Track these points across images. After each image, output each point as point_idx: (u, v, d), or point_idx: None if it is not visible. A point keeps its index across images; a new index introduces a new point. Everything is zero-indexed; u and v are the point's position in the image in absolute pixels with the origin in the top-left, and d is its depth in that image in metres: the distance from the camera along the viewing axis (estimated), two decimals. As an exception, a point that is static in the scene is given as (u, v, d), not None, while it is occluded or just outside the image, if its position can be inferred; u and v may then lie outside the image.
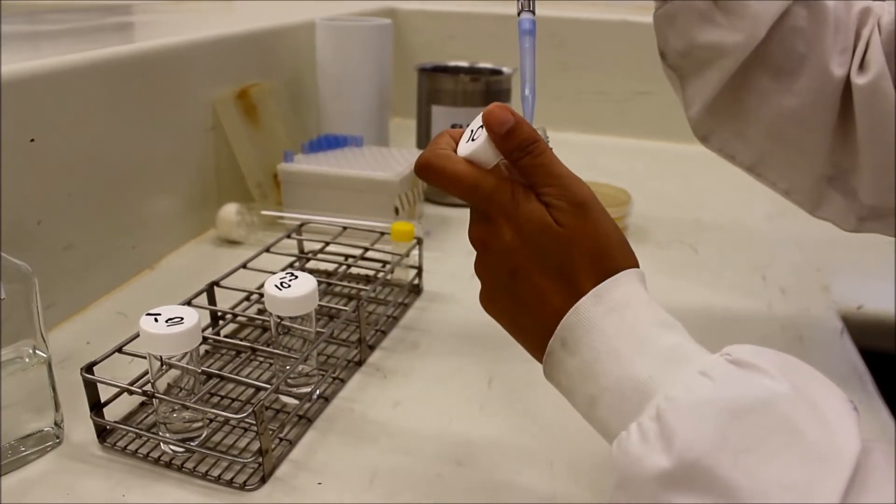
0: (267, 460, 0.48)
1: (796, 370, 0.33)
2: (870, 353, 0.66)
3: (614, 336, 0.37)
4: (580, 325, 0.37)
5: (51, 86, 0.62)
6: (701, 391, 0.33)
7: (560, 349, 0.38)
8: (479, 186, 0.40)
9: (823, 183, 0.57)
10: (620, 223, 0.88)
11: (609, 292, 0.38)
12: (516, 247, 0.39)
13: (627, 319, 0.37)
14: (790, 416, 0.31)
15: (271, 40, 0.98)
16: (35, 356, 0.48)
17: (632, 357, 0.36)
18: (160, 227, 0.79)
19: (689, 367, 0.34)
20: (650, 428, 0.33)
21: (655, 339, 0.37)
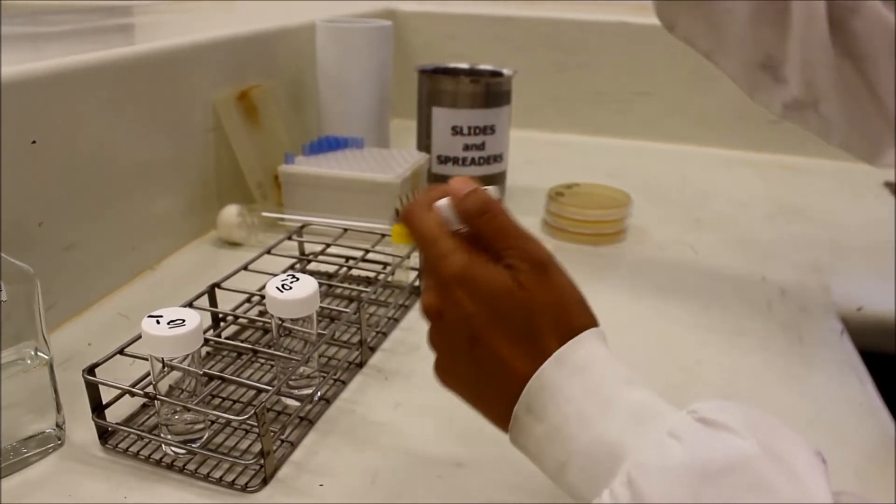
0: (268, 462, 0.48)
1: (762, 425, 0.33)
2: (870, 354, 0.66)
3: (580, 398, 0.36)
4: (545, 389, 0.37)
5: (52, 87, 0.62)
6: (671, 454, 0.33)
7: (526, 415, 0.38)
8: (438, 243, 0.40)
9: (759, 70, 0.64)
10: (621, 225, 0.89)
11: (571, 354, 0.38)
12: (475, 313, 0.39)
13: (592, 380, 0.37)
14: (761, 474, 0.31)
15: (272, 42, 0.98)
16: (36, 357, 0.48)
17: (599, 419, 0.36)
18: (161, 229, 0.79)
19: (657, 426, 0.34)
20: (622, 494, 0.33)
21: (621, 398, 0.36)
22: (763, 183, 1.13)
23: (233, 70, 0.89)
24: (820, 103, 0.62)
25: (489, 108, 0.95)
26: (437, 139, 0.97)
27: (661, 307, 0.73)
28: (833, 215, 0.99)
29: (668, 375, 0.61)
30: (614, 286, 0.77)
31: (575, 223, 0.87)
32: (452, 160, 0.97)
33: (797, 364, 0.64)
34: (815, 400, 0.59)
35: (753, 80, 0.65)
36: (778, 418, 0.34)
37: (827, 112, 0.62)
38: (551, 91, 1.36)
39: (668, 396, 0.36)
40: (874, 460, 0.51)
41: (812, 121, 0.64)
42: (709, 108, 1.28)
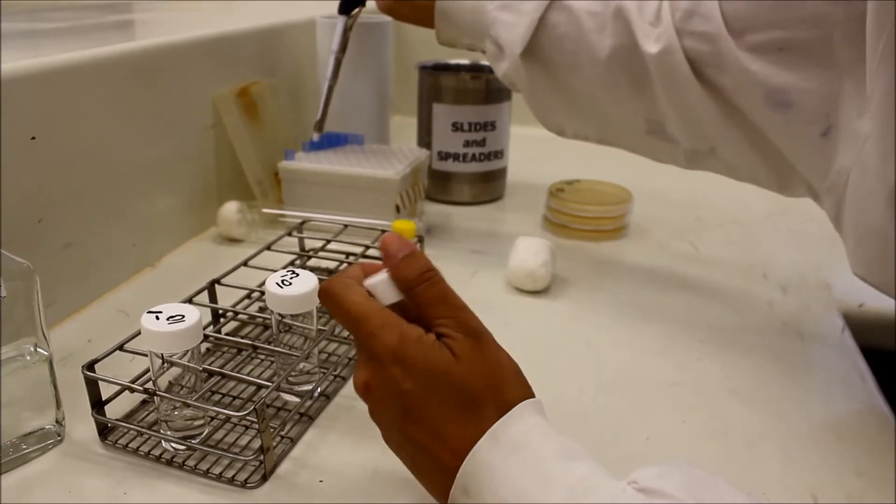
0: (268, 458, 0.48)
1: (704, 488, 0.33)
2: (871, 351, 0.66)
3: (518, 479, 0.35)
4: (480, 470, 0.36)
5: (51, 84, 0.62)
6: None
7: (462, 496, 0.37)
8: (368, 319, 0.39)
9: (647, 137, 0.67)
10: (621, 221, 0.88)
11: (506, 431, 0.37)
12: (407, 389, 0.38)
13: (528, 458, 0.36)
14: None
15: (272, 38, 0.98)
16: (36, 354, 0.48)
17: (538, 498, 0.35)
18: (161, 225, 0.79)
19: (600, 500, 0.34)
20: None
21: (559, 474, 0.35)
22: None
23: (233, 66, 0.89)
24: (716, 149, 0.63)
25: (490, 105, 0.95)
26: (438, 135, 0.97)
27: (662, 304, 0.73)
28: (834, 212, 0.99)
29: (668, 374, 0.61)
30: (615, 283, 0.77)
31: (576, 219, 0.87)
32: (453, 156, 0.97)
33: (798, 361, 0.63)
34: (816, 397, 0.58)
35: (648, 147, 0.68)
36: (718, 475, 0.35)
37: (724, 156, 0.63)
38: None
39: (669, 395, 0.36)
40: (875, 457, 0.51)
41: (716, 166, 0.65)
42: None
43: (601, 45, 0.63)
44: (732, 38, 0.56)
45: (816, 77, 0.54)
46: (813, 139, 0.55)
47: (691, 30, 0.58)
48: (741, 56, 0.56)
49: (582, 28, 0.64)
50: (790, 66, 0.54)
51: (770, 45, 0.55)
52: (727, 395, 0.58)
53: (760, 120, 0.58)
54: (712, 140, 0.63)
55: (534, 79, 0.69)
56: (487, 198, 1.00)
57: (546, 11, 0.65)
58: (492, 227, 0.92)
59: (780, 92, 0.55)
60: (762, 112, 0.57)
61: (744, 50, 0.56)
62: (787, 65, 0.55)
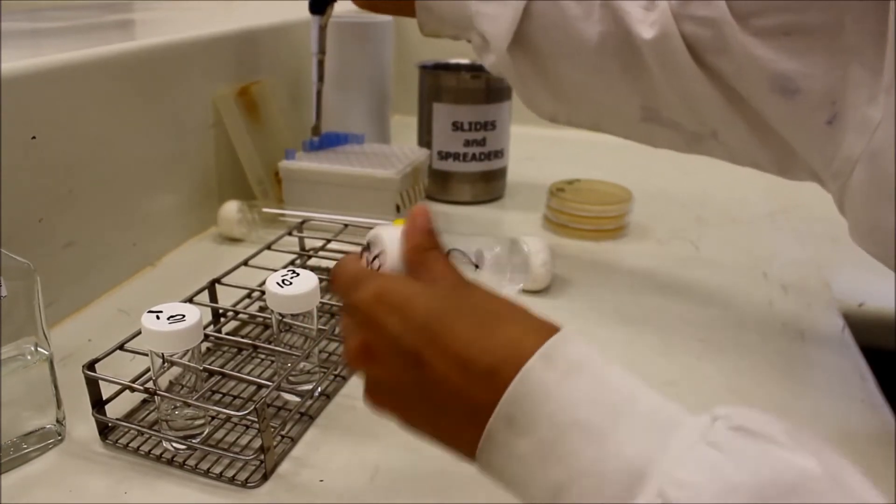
0: (269, 458, 0.48)
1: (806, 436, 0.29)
2: (871, 350, 0.66)
3: (580, 405, 0.30)
4: (533, 394, 0.30)
5: (52, 83, 0.62)
6: (718, 472, 0.27)
7: (505, 429, 0.31)
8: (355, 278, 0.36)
9: (642, 124, 0.65)
10: (622, 221, 0.88)
11: (561, 351, 0.31)
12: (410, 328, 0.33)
13: (591, 382, 0.31)
14: (825, 498, 0.26)
15: (272, 38, 0.98)
16: (37, 353, 0.48)
17: (608, 429, 0.29)
18: (161, 225, 0.79)
19: (686, 435, 0.29)
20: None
21: (632, 402, 0.30)
22: (764, 179, 1.12)
23: (233, 66, 0.89)
24: (718, 133, 0.62)
25: (490, 104, 0.95)
26: (438, 135, 0.97)
27: (662, 303, 0.73)
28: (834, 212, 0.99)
29: (668, 372, 0.61)
30: (615, 282, 0.77)
31: (576, 219, 0.87)
32: (453, 156, 0.97)
33: (798, 360, 0.63)
34: (816, 396, 0.58)
35: (644, 133, 0.67)
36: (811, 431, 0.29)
37: (726, 139, 0.62)
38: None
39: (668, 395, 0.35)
40: (875, 457, 0.51)
41: (717, 149, 0.64)
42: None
43: (589, 32, 0.62)
44: (737, 23, 0.54)
45: (824, 63, 0.52)
46: (818, 126, 0.54)
47: (691, 14, 0.57)
48: (745, 41, 0.54)
49: (567, 16, 0.63)
50: (797, 52, 0.53)
51: (776, 30, 0.53)
52: (727, 395, 0.58)
53: (764, 106, 0.57)
54: (713, 124, 0.61)
55: (522, 69, 0.68)
56: (487, 197, 1.00)
57: (529, 1, 0.64)
58: (492, 227, 0.92)
59: (786, 78, 0.54)
60: (766, 98, 0.56)
61: (748, 34, 0.54)
62: (794, 50, 0.53)
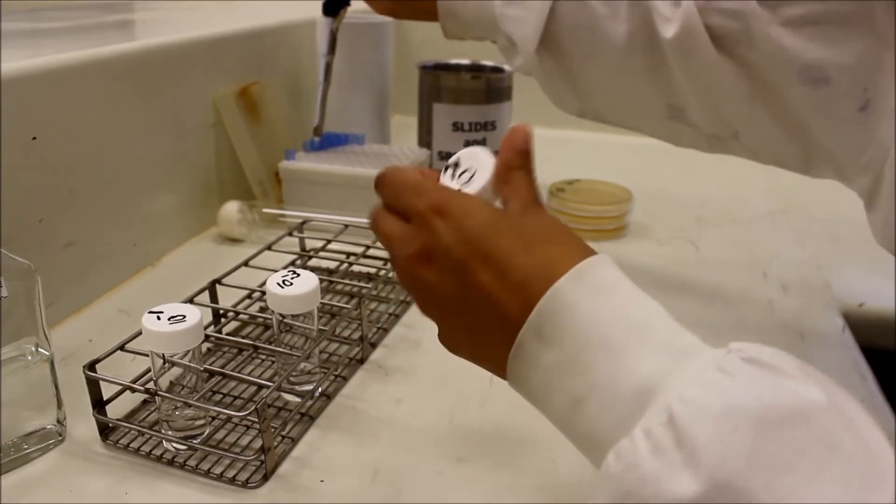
0: (269, 458, 0.48)
1: (817, 375, 0.29)
2: (871, 350, 0.66)
3: (603, 322, 0.32)
4: (561, 309, 0.32)
5: (52, 84, 0.62)
6: (723, 392, 0.28)
7: (534, 340, 0.33)
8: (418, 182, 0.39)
9: (668, 122, 0.65)
10: (622, 221, 0.88)
11: (591, 273, 0.33)
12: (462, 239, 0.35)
13: (616, 303, 0.32)
14: (827, 428, 0.27)
15: (272, 38, 0.98)
16: (37, 354, 0.48)
17: (626, 347, 0.31)
18: (161, 225, 0.79)
19: (700, 360, 0.30)
20: (663, 437, 0.28)
21: (652, 326, 0.32)
22: (764, 179, 1.13)
23: (233, 66, 0.89)
24: (740, 133, 0.61)
25: (490, 105, 0.95)
26: (438, 135, 0.97)
27: (662, 303, 0.72)
28: (834, 211, 0.99)
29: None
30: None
31: (576, 219, 0.87)
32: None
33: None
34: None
35: (670, 132, 0.66)
36: None
37: (748, 140, 0.62)
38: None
39: None
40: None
41: (738, 150, 0.64)
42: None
43: (616, 31, 0.61)
44: (765, 13, 0.54)
45: (855, 50, 0.51)
46: (849, 115, 0.53)
47: (718, 7, 0.55)
48: (774, 31, 0.53)
49: (595, 15, 0.62)
50: (827, 40, 0.52)
51: (805, 19, 0.52)
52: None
53: (793, 97, 0.56)
54: (735, 124, 0.61)
55: (549, 70, 0.67)
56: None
57: (555, 2, 0.63)
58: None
59: (816, 67, 0.53)
60: (795, 89, 0.55)
61: (777, 25, 0.53)
62: (824, 38, 0.52)
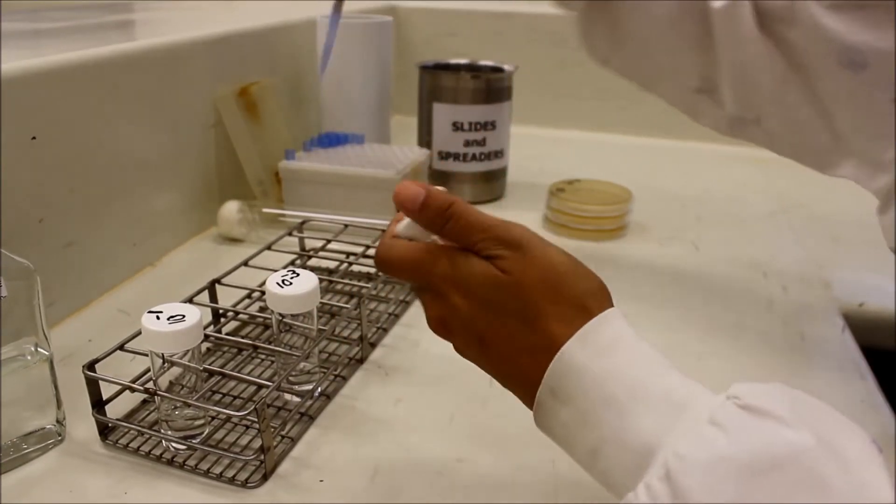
0: (269, 458, 0.48)
1: (811, 411, 0.31)
2: (871, 350, 0.66)
3: (607, 381, 0.34)
4: (569, 371, 0.35)
5: (52, 83, 0.62)
6: (714, 446, 0.30)
7: (550, 399, 0.36)
8: (420, 263, 0.40)
9: (695, 94, 0.64)
10: (621, 221, 0.88)
11: (595, 334, 0.36)
12: (473, 313, 0.38)
13: (618, 362, 0.35)
14: (815, 470, 0.28)
15: (272, 38, 0.98)
16: (37, 354, 0.48)
17: (629, 403, 0.34)
18: (161, 225, 0.79)
19: (695, 413, 0.32)
20: (661, 491, 0.30)
21: (652, 382, 0.34)
22: (765, 179, 1.13)
23: (233, 66, 0.89)
24: (762, 118, 0.61)
25: (490, 104, 0.95)
26: (438, 135, 0.97)
27: (662, 303, 0.73)
28: (834, 211, 0.99)
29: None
30: (614, 282, 0.76)
31: (576, 219, 0.87)
32: (453, 156, 0.97)
33: (798, 361, 0.63)
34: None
35: (693, 104, 0.66)
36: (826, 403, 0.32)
37: (770, 126, 0.62)
38: (552, 87, 1.35)
39: None
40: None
41: (758, 136, 0.63)
42: (710, 104, 1.28)
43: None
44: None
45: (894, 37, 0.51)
46: (882, 105, 0.53)
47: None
48: (817, 11, 0.53)
49: None
50: (870, 24, 0.52)
51: (850, 1, 0.52)
52: (727, 395, 0.58)
53: (827, 81, 0.56)
54: (761, 107, 0.60)
55: (594, 9, 0.66)
56: (488, 197, 1.00)
57: None
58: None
59: (856, 51, 0.52)
60: (832, 72, 0.55)
61: (821, 5, 0.53)
62: (867, 22, 0.52)
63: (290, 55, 1.02)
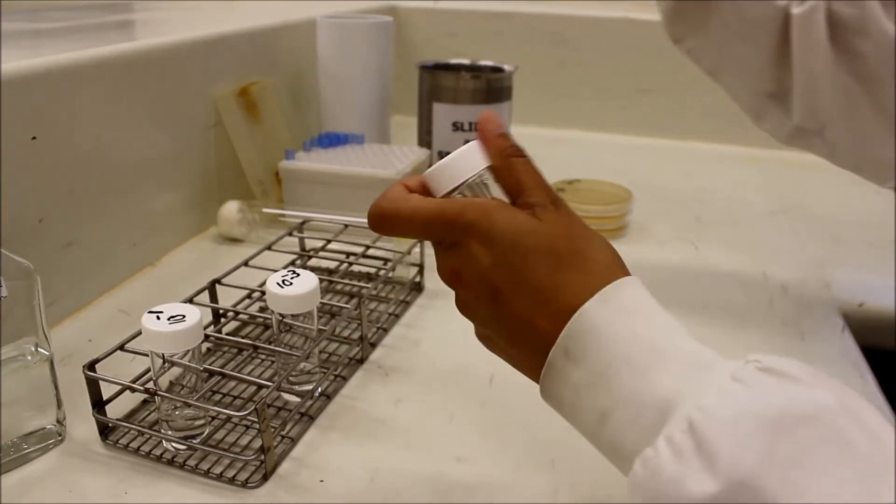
0: (269, 458, 0.48)
1: (829, 380, 0.31)
2: (871, 350, 0.66)
3: (626, 341, 0.34)
4: (587, 330, 0.34)
5: (52, 83, 0.62)
6: (738, 400, 0.30)
7: (562, 359, 0.35)
8: (440, 213, 0.38)
9: (765, 98, 0.63)
10: (621, 221, 0.88)
11: (616, 295, 0.35)
12: (494, 262, 0.37)
13: (639, 324, 0.35)
14: (838, 428, 0.28)
15: (272, 38, 0.98)
16: (37, 354, 0.48)
17: (648, 363, 0.33)
18: (161, 225, 0.79)
19: (717, 373, 0.32)
20: (684, 443, 0.30)
21: (672, 344, 0.34)
22: (764, 179, 1.13)
23: (233, 66, 0.89)
24: (826, 129, 0.61)
25: (490, 104, 0.95)
26: (438, 135, 0.97)
27: (662, 303, 0.72)
28: (834, 211, 0.99)
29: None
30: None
31: (576, 219, 0.87)
32: (453, 156, 0.96)
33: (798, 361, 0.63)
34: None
35: (759, 106, 0.64)
36: None
37: (833, 137, 0.61)
38: (552, 87, 1.35)
39: None
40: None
41: (819, 146, 0.63)
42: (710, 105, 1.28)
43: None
44: (881, 2, 0.54)
45: None
46: None
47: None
48: (889, 24, 0.53)
49: None
50: None
51: None
52: (727, 395, 0.58)
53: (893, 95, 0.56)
54: (828, 117, 0.60)
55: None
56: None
57: None
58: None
59: None
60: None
61: (893, 16, 0.54)
62: None
63: (290, 55, 1.02)
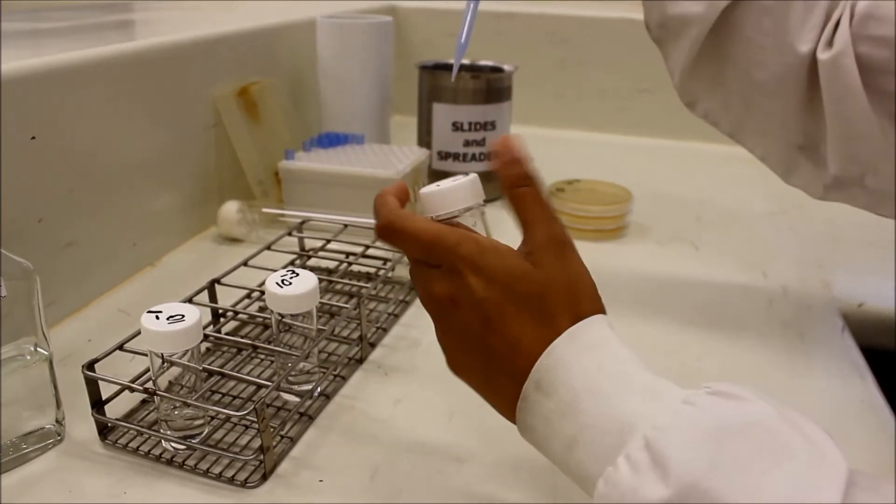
0: (268, 458, 0.48)
1: (772, 398, 0.34)
2: (871, 350, 0.66)
3: (592, 374, 0.37)
4: (556, 365, 0.37)
5: (52, 83, 0.62)
6: (688, 416, 0.33)
7: (535, 392, 0.38)
8: (442, 239, 0.41)
9: (794, 151, 0.60)
10: (621, 221, 0.88)
11: (583, 333, 0.38)
12: (488, 296, 0.39)
13: (603, 358, 0.37)
14: (777, 433, 0.32)
15: (272, 38, 0.98)
16: (36, 354, 0.48)
17: (610, 393, 0.36)
18: (161, 225, 0.79)
19: (671, 398, 0.35)
20: (641, 459, 0.33)
21: (632, 375, 0.37)
22: (764, 180, 1.13)
23: (233, 66, 0.89)
24: (866, 176, 0.58)
25: (490, 104, 0.95)
26: (438, 135, 0.97)
27: (662, 304, 0.73)
28: (834, 212, 0.99)
29: (668, 372, 0.61)
30: (614, 282, 0.77)
31: (576, 219, 0.87)
32: (453, 156, 0.97)
33: (798, 361, 0.63)
34: (816, 397, 0.58)
35: (789, 161, 0.61)
36: None
37: (875, 184, 0.58)
38: (552, 87, 1.35)
39: None
40: (875, 457, 0.51)
41: (860, 197, 0.59)
42: (710, 104, 1.28)
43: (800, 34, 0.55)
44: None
45: None
46: None
47: (868, 34, 0.52)
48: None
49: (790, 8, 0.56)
50: None
51: None
52: (727, 395, 0.58)
53: None
54: (867, 164, 0.57)
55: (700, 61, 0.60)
56: (488, 197, 0.99)
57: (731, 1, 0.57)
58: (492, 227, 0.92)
59: None
60: None
61: None
62: None
63: (290, 55, 1.02)
